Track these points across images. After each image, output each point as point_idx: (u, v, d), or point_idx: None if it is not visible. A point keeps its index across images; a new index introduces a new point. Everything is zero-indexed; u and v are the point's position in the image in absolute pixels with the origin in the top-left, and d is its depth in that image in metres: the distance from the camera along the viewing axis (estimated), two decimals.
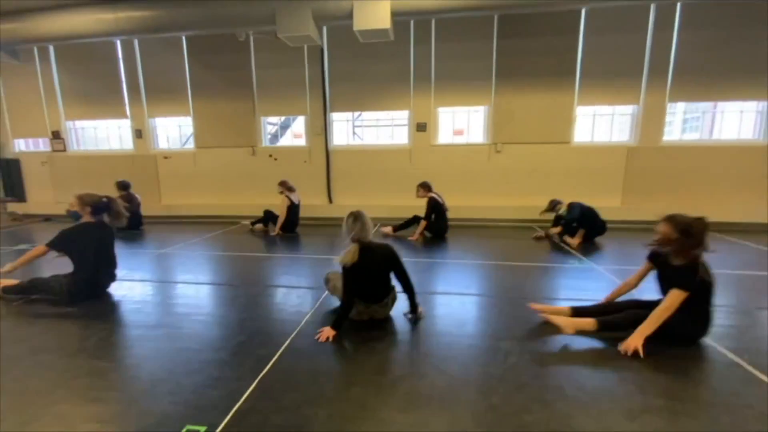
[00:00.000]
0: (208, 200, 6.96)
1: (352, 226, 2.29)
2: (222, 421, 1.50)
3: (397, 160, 6.35)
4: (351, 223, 2.29)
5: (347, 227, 2.31)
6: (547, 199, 5.99)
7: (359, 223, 2.28)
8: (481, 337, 2.26)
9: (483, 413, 1.55)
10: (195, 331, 2.35)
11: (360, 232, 2.28)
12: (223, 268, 3.79)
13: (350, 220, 2.30)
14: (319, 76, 6.29)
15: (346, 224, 2.31)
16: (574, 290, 3.06)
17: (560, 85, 5.76)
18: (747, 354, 1.98)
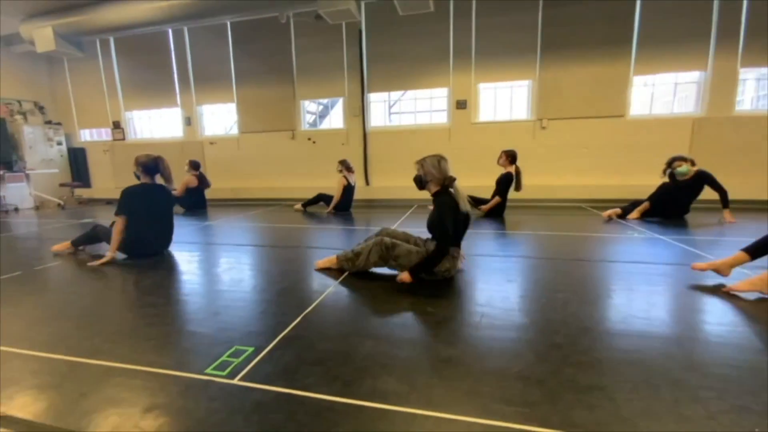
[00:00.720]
0: (251, 183, 7.20)
1: (444, 165, 2.22)
2: (269, 344, 1.49)
3: (435, 139, 6.21)
4: (439, 162, 2.22)
5: (437, 167, 2.21)
6: (598, 177, 5.62)
7: (447, 163, 2.22)
8: (538, 290, 2.11)
9: (546, 351, 1.42)
10: (239, 278, 2.41)
11: (447, 172, 2.22)
12: (265, 236, 3.87)
13: (435, 160, 2.22)
14: (357, 57, 6.30)
15: (434, 165, 2.22)
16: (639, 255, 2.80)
17: (614, 54, 5.34)
18: None
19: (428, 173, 2.25)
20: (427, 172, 2.25)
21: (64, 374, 1.33)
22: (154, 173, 3.01)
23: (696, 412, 1.06)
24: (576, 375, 1.24)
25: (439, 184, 2.25)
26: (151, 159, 2.98)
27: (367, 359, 1.37)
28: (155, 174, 3.01)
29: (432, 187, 2.28)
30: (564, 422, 1.02)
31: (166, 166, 3.03)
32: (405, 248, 2.27)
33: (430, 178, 2.25)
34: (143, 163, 2.96)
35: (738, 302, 1.84)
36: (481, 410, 1.07)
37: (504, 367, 1.30)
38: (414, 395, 1.15)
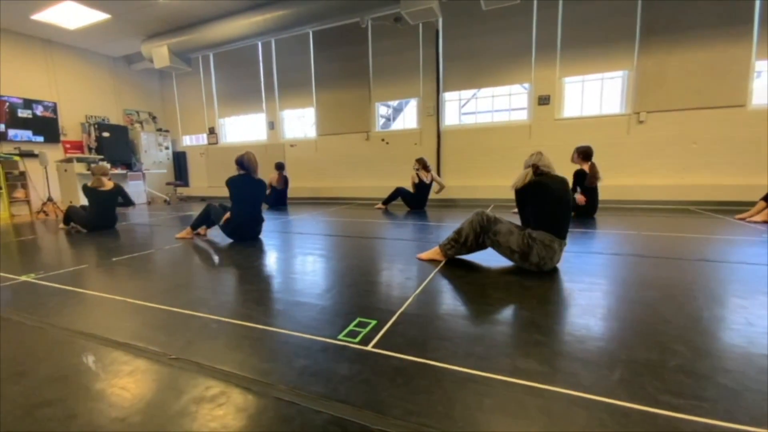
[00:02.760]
0: (328, 183, 7.57)
1: (532, 157, 2.30)
2: (390, 319, 1.53)
3: (514, 137, 5.97)
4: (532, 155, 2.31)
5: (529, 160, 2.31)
6: (710, 176, 4.95)
7: (538, 154, 2.29)
8: (659, 286, 1.90)
9: (701, 347, 1.26)
10: (339, 262, 2.52)
11: (538, 160, 2.27)
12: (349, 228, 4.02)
13: (533, 155, 2.31)
14: (433, 57, 6.31)
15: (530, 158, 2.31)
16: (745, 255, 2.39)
17: (731, 36, 4.67)
18: None
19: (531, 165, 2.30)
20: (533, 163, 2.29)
21: (215, 330, 1.49)
22: (243, 167, 3.39)
23: None
24: (748, 374, 1.08)
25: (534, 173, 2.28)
26: (240, 156, 3.42)
27: (495, 340, 1.34)
28: (244, 167, 3.39)
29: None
30: (755, 420, 0.89)
31: (249, 159, 3.41)
32: (507, 227, 2.25)
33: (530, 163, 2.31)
34: (237, 161, 3.42)
35: None
36: (646, 399, 0.98)
37: (657, 360, 1.18)
38: (559, 377, 1.09)
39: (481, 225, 2.28)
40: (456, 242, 2.38)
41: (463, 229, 2.35)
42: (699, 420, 0.90)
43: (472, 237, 2.32)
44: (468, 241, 2.33)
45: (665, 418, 0.91)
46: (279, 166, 6.45)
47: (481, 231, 2.29)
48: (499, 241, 2.23)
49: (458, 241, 2.36)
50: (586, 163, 4.27)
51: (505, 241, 2.21)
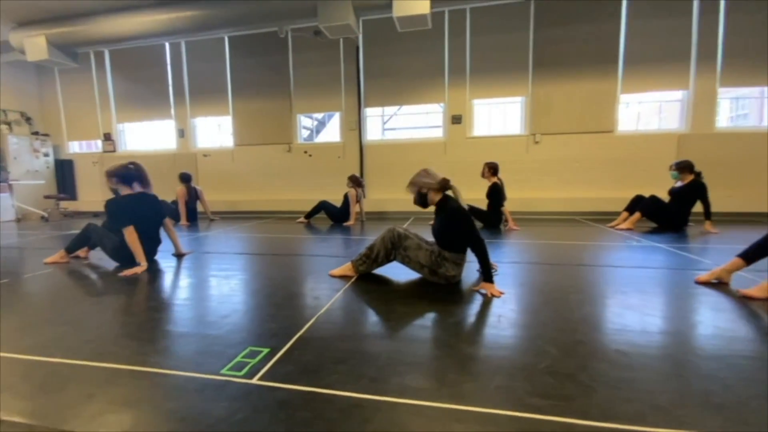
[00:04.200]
0: (247, 196, 7.13)
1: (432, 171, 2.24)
2: (285, 345, 1.44)
3: (431, 153, 6.30)
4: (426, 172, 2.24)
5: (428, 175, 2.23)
6: (590, 191, 5.76)
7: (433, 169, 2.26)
8: (550, 292, 2.11)
9: (571, 347, 1.41)
10: (243, 284, 2.34)
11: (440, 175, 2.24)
12: (266, 245, 3.80)
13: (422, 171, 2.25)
14: (354, 73, 6.41)
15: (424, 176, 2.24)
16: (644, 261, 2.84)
17: (602, 73, 5.59)
18: None
19: (424, 185, 2.25)
20: (422, 185, 2.25)
21: (66, 377, 1.24)
22: (132, 182, 2.86)
23: (726, 398, 1.05)
24: (606, 369, 1.23)
25: (439, 189, 2.25)
26: (124, 167, 2.83)
27: (391, 358, 1.33)
28: (133, 182, 2.87)
29: (434, 196, 2.26)
30: (605, 415, 1.00)
31: (143, 171, 2.90)
32: (416, 242, 2.28)
33: (428, 188, 2.25)
34: (123, 174, 2.81)
35: (750, 302, 1.87)
36: (515, 404, 1.05)
37: (531, 363, 1.28)
38: (444, 391, 1.12)
39: (392, 241, 2.31)
40: (368, 258, 2.37)
41: (375, 245, 2.36)
42: (557, 420, 0.98)
43: (383, 253, 2.34)
44: (379, 257, 2.35)
45: (528, 421, 0.97)
46: (185, 177, 5.88)
47: (392, 247, 2.32)
48: (409, 256, 2.28)
49: (370, 256, 2.37)
50: (495, 177, 4.67)
51: (414, 255, 2.26)
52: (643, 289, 2.13)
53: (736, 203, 5.11)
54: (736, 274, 2.17)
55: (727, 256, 2.19)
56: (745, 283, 2.11)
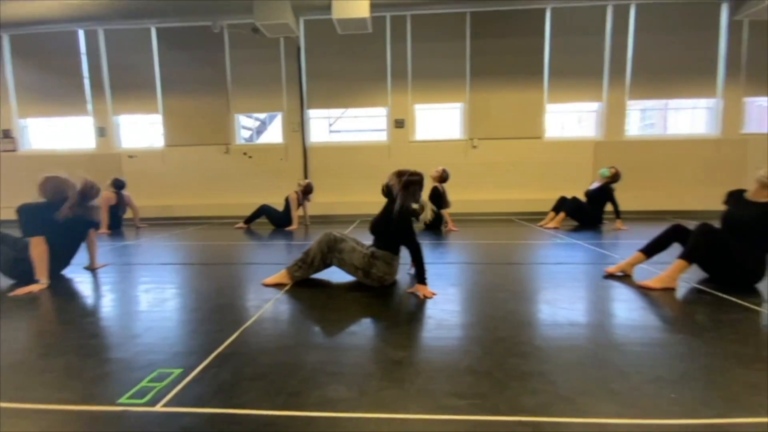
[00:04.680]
0: (180, 200, 6.60)
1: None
2: (200, 364, 1.32)
3: (376, 156, 6.33)
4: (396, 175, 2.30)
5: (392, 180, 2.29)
6: (523, 192, 6.17)
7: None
8: (479, 291, 2.20)
9: (491, 345, 1.46)
10: (165, 298, 2.14)
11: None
12: (198, 254, 3.53)
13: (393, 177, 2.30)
14: (296, 73, 6.26)
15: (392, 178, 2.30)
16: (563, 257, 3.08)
17: (531, 83, 6.02)
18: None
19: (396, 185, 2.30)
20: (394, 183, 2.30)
21: None
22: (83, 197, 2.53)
23: (622, 385, 1.16)
24: (519, 364, 1.30)
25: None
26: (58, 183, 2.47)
27: (315, 369, 1.28)
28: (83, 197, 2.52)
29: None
30: (512, 408, 1.04)
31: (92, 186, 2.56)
32: (351, 245, 2.27)
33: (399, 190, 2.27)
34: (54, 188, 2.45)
35: (648, 292, 2.10)
36: (434, 406, 1.06)
37: (454, 364, 1.31)
38: (365, 400, 1.10)
39: (329, 245, 2.27)
40: (304, 263, 2.30)
41: (311, 249, 2.30)
42: (469, 419, 1.00)
43: (320, 257, 2.28)
44: (315, 262, 2.29)
45: (442, 423, 0.99)
46: (117, 184, 5.29)
47: (328, 251, 2.27)
48: (344, 259, 2.25)
49: (306, 261, 2.30)
50: (442, 183, 4.80)
51: (348, 258, 2.24)
52: (561, 284, 2.31)
53: (643, 202, 5.77)
54: (639, 267, 2.44)
55: (634, 251, 2.44)
56: (646, 275, 2.37)
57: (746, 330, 1.58)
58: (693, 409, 1.03)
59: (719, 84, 5.84)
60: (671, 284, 2.12)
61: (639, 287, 2.16)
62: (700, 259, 2.17)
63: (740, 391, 1.12)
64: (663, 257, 2.37)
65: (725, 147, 5.75)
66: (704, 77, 5.85)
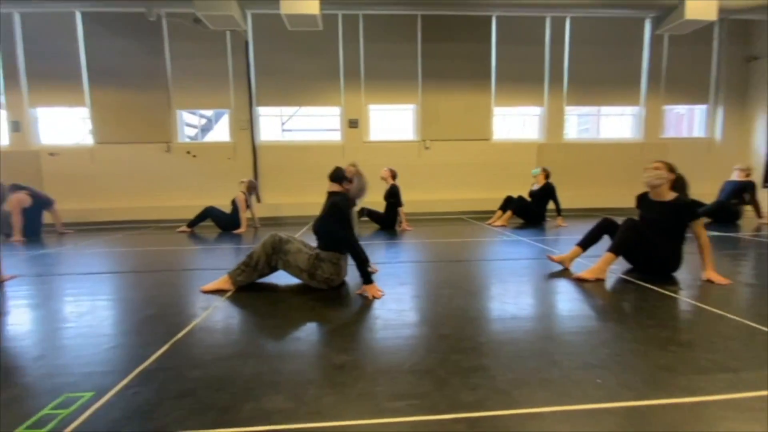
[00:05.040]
0: (112, 204, 6.03)
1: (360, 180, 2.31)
2: (117, 384, 1.19)
3: (329, 156, 6.22)
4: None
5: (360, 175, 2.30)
6: (473, 192, 6.39)
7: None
8: (427, 289, 2.21)
9: (435, 342, 1.47)
10: (83, 311, 1.92)
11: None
12: (131, 261, 3.23)
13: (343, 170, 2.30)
14: (244, 69, 5.98)
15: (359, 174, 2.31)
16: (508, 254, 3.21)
17: (479, 87, 6.26)
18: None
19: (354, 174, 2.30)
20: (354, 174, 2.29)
21: None
22: None
23: (554, 374, 1.21)
24: (461, 360, 1.31)
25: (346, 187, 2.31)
26: None
27: (251, 380, 1.20)
28: None
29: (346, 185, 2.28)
30: (451, 406, 1.04)
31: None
32: (296, 246, 2.19)
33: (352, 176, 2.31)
34: None
35: (582, 284, 2.24)
36: (373, 411, 1.03)
37: (397, 364, 1.29)
38: (302, 410, 1.04)
39: (273, 246, 2.17)
40: (247, 266, 2.18)
41: (255, 252, 2.18)
42: (409, 420, 0.99)
43: (264, 260, 2.17)
44: (259, 265, 2.17)
45: (382, 426, 0.96)
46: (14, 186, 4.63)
47: (273, 252, 2.17)
48: (289, 261, 2.17)
49: (249, 265, 2.18)
50: (393, 180, 4.85)
51: (294, 260, 2.16)
52: (506, 279, 2.40)
53: (580, 200, 6.23)
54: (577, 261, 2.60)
55: (572, 245, 2.60)
56: (580, 267, 2.53)
57: (663, 315, 1.73)
58: (616, 392, 1.10)
59: (642, 93, 6.47)
60: (601, 275, 2.29)
61: (574, 279, 2.31)
62: (626, 252, 2.36)
63: (657, 372, 1.21)
64: (595, 251, 2.55)
65: (648, 150, 6.37)
66: (629, 87, 6.45)
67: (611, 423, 0.97)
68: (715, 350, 1.37)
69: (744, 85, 6.53)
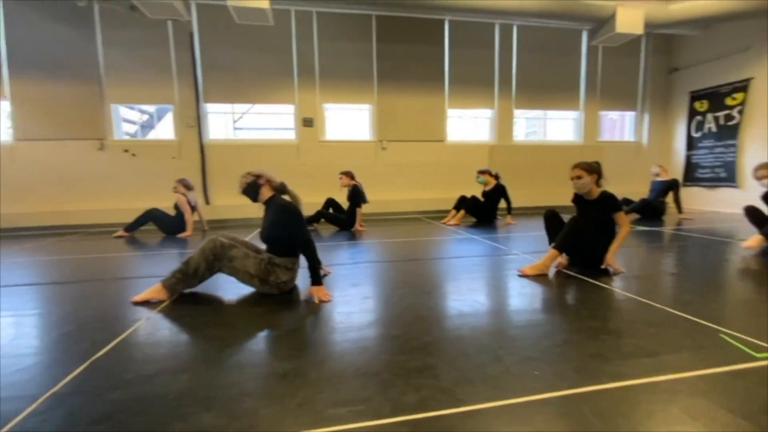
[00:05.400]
0: (34, 207, 5.39)
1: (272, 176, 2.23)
2: (19, 413, 1.04)
3: (283, 155, 6.04)
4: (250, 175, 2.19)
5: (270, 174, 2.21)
6: (429, 192, 6.50)
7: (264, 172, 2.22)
8: (380, 289, 2.19)
9: (384, 344, 1.45)
10: None
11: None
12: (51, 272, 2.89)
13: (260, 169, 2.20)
14: (190, 62, 5.62)
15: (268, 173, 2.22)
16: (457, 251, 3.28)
17: (434, 89, 6.38)
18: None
19: (263, 174, 2.19)
20: (263, 175, 2.18)
21: None
22: None
23: (496, 368, 1.24)
24: (407, 361, 1.30)
25: (273, 188, 2.21)
26: None
27: (179, 398, 1.10)
28: None
29: (266, 192, 2.19)
30: (395, 409, 1.03)
31: None
32: (243, 251, 2.07)
33: (264, 182, 2.19)
34: None
35: (528, 279, 2.33)
36: (314, 420, 0.98)
37: (344, 369, 1.25)
38: (235, 425, 0.97)
39: (214, 253, 2.03)
40: (184, 274, 2.02)
41: (193, 258, 2.03)
42: (350, 427, 0.95)
43: (204, 266, 2.03)
44: (199, 271, 2.03)
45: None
46: None
47: (215, 259, 2.03)
48: (236, 267, 2.05)
49: (186, 272, 2.02)
50: (353, 181, 4.79)
51: (242, 266, 2.04)
52: (457, 276, 2.45)
53: (528, 199, 6.56)
54: (520, 257, 2.72)
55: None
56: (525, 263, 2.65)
57: (596, 305, 1.85)
58: (552, 383, 1.14)
59: (581, 99, 6.95)
60: (544, 271, 2.41)
61: (520, 275, 2.40)
62: (567, 248, 2.51)
63: (589, 361, 1.28)
64: (541, 247, 2.68)
65: (587, 152, 6.85)
66: (570, 93, 6.90)
67: (547, 414, 1.01)
68: (639, 336, 1.48)
69: (667, 93, 7.24)
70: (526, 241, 3.63)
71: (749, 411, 1.00)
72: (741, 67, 5.98)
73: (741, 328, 1.52)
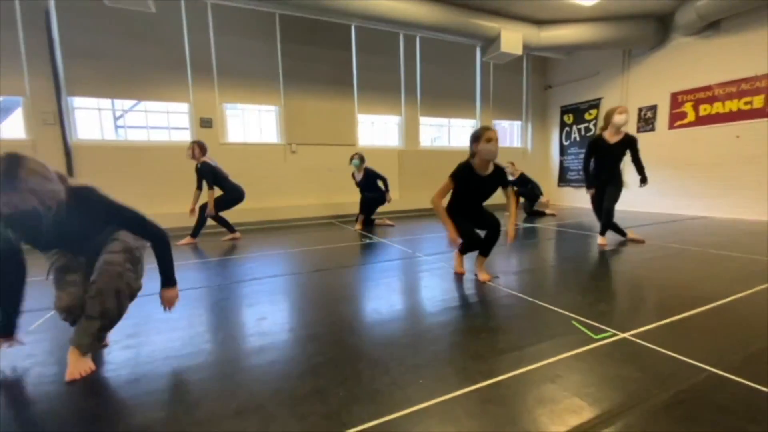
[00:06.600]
0: None
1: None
2: None
3: (176, 158, 5.40)
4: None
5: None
6: (341, 196, 6.49)
7: None
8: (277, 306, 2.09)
9: (269, 371, 1.37)
10: None
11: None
12: None
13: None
14: (46, 47, 4.67)
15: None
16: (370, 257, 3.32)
17: (343, 94, 6.38)
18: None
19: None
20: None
21: None
22: None
23: (384, 382, 1.27)
24: (295, 388, 1.25)
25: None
26: None
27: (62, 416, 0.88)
28: None
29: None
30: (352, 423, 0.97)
31: None
32: None
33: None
34: None
35: (421, 285, 2.45)
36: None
37: (221, 408, 1.15)
38: None
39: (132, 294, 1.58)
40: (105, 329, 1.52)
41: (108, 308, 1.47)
42: None
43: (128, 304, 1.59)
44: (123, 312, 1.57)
45: None
46: None
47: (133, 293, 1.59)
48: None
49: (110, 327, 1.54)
50: (204, 157, 4.59)
51: None
52: (360, 285, 2.47)
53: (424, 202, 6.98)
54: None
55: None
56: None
57: (482, 304, 2.04)
58: (433, 389, 1.21)
59: (477, 109, 7.68)
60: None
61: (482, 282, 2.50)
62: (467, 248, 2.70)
63: (468, 361, 1.39)
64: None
65: None
66: (468, 103, 7.57)
67: (428, 422, 1.06)
68: (510, 331, 1.66)
69: (544, 107, 8.43)
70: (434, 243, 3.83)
71: (586, 391, 1.19)
72: (594, 88, 7.26)
73: (587, 313, 1.82)
